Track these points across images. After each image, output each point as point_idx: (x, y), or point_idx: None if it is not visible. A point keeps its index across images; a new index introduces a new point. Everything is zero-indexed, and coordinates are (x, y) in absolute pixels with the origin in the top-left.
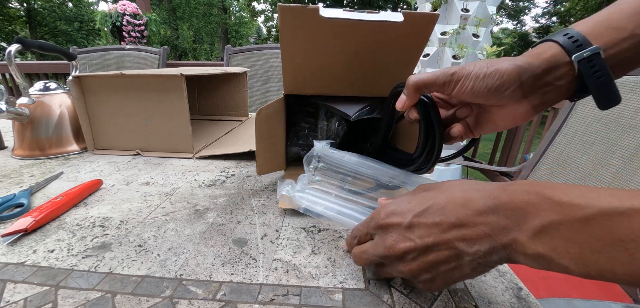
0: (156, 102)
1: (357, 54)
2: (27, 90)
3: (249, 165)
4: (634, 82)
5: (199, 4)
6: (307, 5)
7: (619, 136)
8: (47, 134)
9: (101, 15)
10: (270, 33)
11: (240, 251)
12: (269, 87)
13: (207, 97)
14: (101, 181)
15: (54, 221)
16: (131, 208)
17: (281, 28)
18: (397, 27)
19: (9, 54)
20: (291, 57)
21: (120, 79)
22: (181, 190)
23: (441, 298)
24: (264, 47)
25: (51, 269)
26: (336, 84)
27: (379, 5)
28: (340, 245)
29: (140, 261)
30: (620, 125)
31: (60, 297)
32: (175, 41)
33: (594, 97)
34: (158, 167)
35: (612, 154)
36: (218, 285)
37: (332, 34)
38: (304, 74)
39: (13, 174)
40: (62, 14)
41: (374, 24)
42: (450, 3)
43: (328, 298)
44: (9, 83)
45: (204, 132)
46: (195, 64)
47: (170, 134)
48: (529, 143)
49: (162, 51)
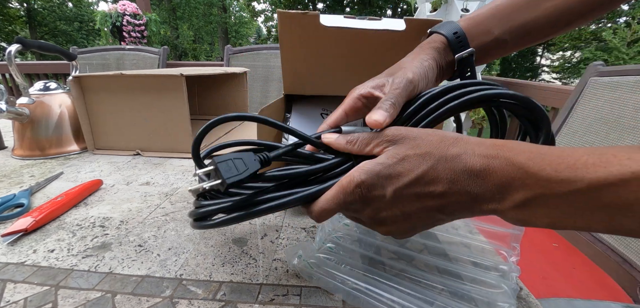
0: (156, 102)
1: (358, 58)
2: (27, 90)
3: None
4: (634, 82)
5: (199, 3)
6: (307, 12)
7: (619, 136)
8: (47, 134)
9: (101, 15)
10: (270, 33)
11: (240, 251)
12: (269, 87)
13: (207, 97)
14: (101, 181)
15: (54, 221)
16: (131, 208)
17: (281, 34)
18: (399, 34)
19: (9, 54)
20: (291, 61)
21: (120, 79)
22: (181, 190)
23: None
24: (264, 47)
25: (51, 269)
26: (336, 85)
27: (379, 6)
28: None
29: (140, 261)
30: (620, 125)
31: (60, 297)
32: (175, 40)
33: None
34: (158, 167)
35: None
36: (218, 285)
37: (333, 41)
38: (303, 76)
39: (13, 174)
40: (62, 14)
41: (375, 32)
42: (450, 3)
43: (328, 298)
44: (9, 83)
45: None
46: (195, 64)
47: (170, 134)
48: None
49: (162, 51)
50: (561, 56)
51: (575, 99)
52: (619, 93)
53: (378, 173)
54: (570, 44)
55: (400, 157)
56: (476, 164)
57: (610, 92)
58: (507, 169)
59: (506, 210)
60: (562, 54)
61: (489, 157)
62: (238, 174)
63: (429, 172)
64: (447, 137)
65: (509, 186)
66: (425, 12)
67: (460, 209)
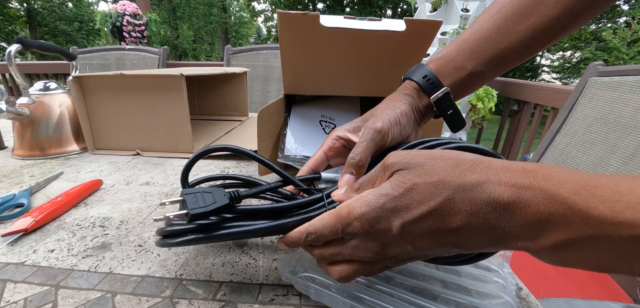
0: (156, 102)
1: (358, 59)
2: (27, 90)
3: (249, 165)
4: (634, 82)
5: (199, 3)
6: (307, 13)
7: (619, 136)
8: (47, 134)
9: (101, 15)
10: (270, 33)
11: (240, 251)
12: (269, 87)
13: (207, 97)
14: (101, 181)
15: (54, 221)
16: (131, 208)
17: (281, 35)
18: (399, 35)
19: (9, 54)
20: (291, 61)
21: (120, 79)
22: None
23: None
24: (264, 47)
25: (51, 269)
26: (336, 85)
27: (379, 6)
28: None
29: (140, 261)
30: (620, 125)
31: (60, 297)
32: (175, 40)
33: (447, 125)
34: (158, 167)
35: (612, 155)
36: (218, 285)
37: (333, 42)
38: (303, 76)
39: (13, 174)
40: (62, 14)
41: (375, 33)
42: (450, 3)
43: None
44: (9, 83)
45: (204, 132)
46: (195, 64)
47: (170, 134)
48: (529, 143)
49: (162, 51)
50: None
51: (575, 99)
52: (619, 93)
53: (382, 205)
54: (570, 44)
55: (407, 186)
56: (503, 196)
57: (610, 92)
58: (544, 204)
59: (541, 249)
60: (562, 54)
61: (520, 187)
62: (203, 207)
63: (444, 204)
64: (462, 160)
65: (547, 223)
66: (425, 12)
67: (481, 244)
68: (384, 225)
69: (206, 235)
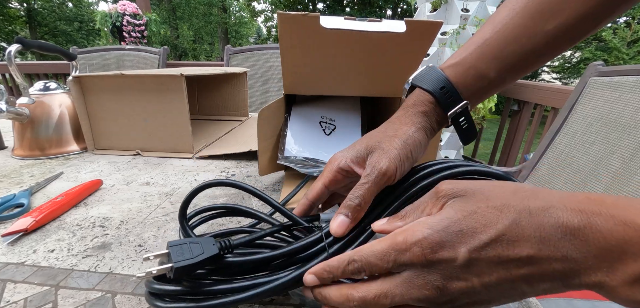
0: (156, 102)
1: (358, 60)
2: (27, 90)
3: (249, 165)
4: (634, 82)
5: (199, 3)
6: (307, 13)
7: (619, 136)
8: (47, 134)
9: (101, 15)
10: (270, 33)
11: None
12: (269, 87)
13: (207, 97)
14: (101, 181)
15: (54, 221)
16: (131, 208)
17: (281, 35)
18: (399, 35)
19: (9, 54)
20: (291, 62)
21: (120, 79)
22: (181, 190)
23: None
24: (264, 47)
25: (51, 269)
26: (336, 86)
27: (379, 6)
28: None
29: (140, 261)
30: (620, 125)
31: (61, 297)
32: (175, 40)
33: (459, 136)
34: (158, 167)
35: (612, 155)
36: None
37: (333, 42)
38: (303, 76)
39: (13, 174)
40: (62, 14)
41: (375, 34)
42: (450, 3)
43: None
44: (9, 83)
45: (204, 132)
46: (195, 64)
47: (170, 134)
48: (529, 143)
49: (162, 51)
50: (561, 56)
51: (575, 99)
52: (619, 93)
53: (446, 228)
54: None
55: (470, 210)
56: (572, 221)
57: (610, 92)
58: (618, 230)
59: (619, 285)
60: (562, 54)
61: (588, 213)
62: (190, 259)
63: (512, 229)
64: (521, 188)
65: (623, 252)
66: (425, 12)
67: (551, 279)
68: (448, 252)
69: (193, 304)
